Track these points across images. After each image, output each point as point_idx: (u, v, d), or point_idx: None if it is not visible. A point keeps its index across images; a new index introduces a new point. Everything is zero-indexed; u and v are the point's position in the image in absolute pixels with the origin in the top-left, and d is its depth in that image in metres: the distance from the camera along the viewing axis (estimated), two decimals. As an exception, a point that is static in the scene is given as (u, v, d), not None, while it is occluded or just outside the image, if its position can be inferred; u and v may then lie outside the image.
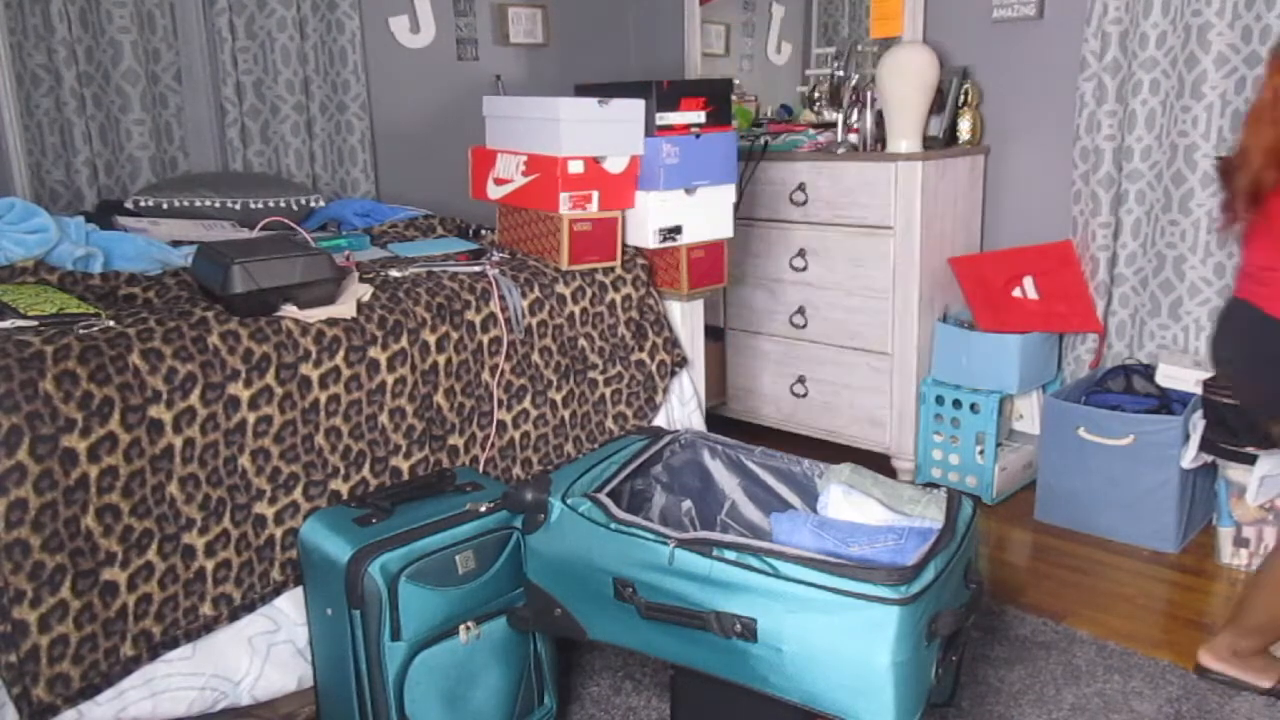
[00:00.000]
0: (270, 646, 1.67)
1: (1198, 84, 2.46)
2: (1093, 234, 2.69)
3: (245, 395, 1.60)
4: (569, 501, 1.58)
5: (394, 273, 1.93)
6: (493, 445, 1.96)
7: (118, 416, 1.46)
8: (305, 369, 1.67)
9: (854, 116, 2.90)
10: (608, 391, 2.15)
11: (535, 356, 2.01)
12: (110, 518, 1.46)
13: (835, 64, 3.15)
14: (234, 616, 1.62)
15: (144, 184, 2.61)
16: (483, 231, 2.46)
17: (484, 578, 1.63)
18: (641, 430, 1.95)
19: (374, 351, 1.75)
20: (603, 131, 2.05)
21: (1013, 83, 2.86)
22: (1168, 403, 2.51)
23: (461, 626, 1.61)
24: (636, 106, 2.08)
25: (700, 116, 2.16)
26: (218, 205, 2.38)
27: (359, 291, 1.78)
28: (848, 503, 1.68)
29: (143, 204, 2.33)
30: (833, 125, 2.97)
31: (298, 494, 1.68)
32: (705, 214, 2.21)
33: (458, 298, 1.89)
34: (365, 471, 1.76)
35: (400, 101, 3.10)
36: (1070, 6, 2.71)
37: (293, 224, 2.13)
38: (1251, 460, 2.25)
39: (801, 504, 1.82)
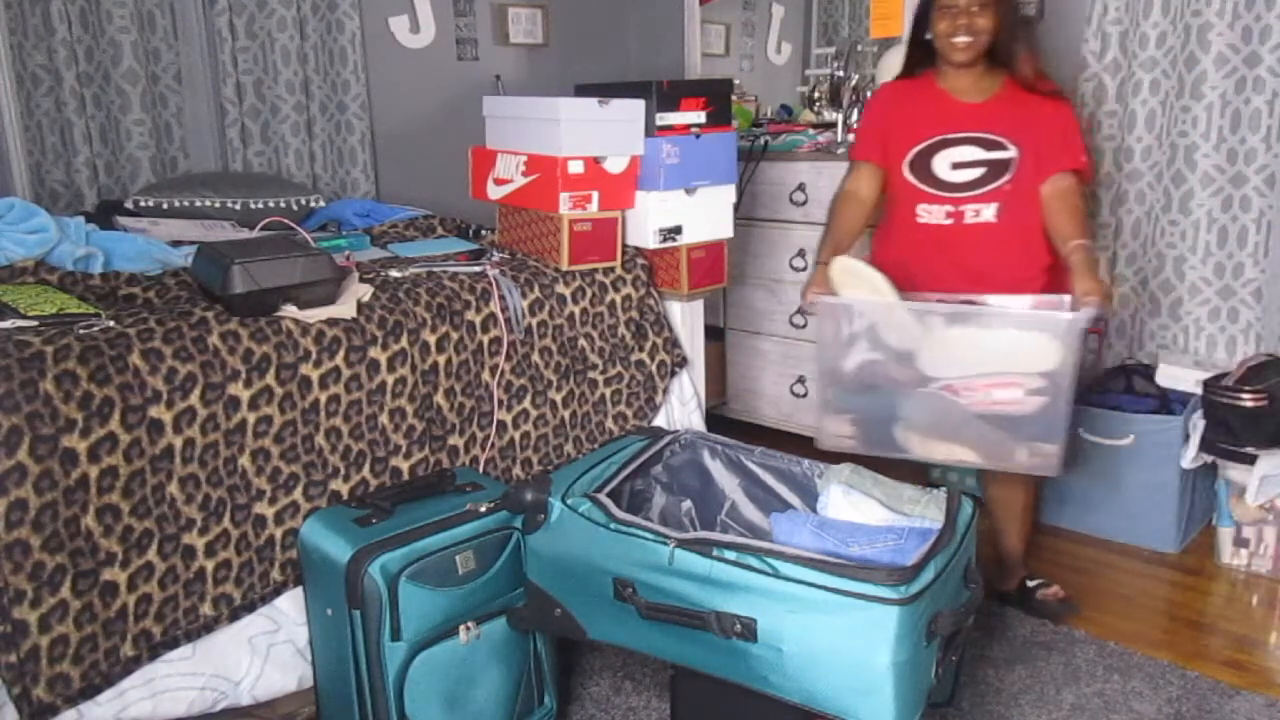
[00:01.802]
0: (270, 646, 1.67)
1: (1198, 84, 2.46)
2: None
3: (245, 395, 1.60)
4: (569, 502, 1.58)
5: (394, 273, 1.93)
6: (493, 445, 1.96)
7: (118, 417, 1.46)
8: (305, 369, 1.67)
9: (854, 116, 2.90)
10: (608, 392, 2.15)
11: (535, 357, 2.01)
12: (110, 518, 1.46)
13: (835, 64, 3.16)
14: (234, 616, 1.62)
15: (144, 184, 2.60)
16: (483, 231, 2.45)
17: (484, 578, 1.63)
18: (641, 430, 1.95)
19: (374, 352, 1.75)
20: (603, 131, 2.05)
21: (1013, 83, 2.85)
22: (1168, 403, 2.50)
23: (461, 627, 1.61)
24: (636, 106, 2.07)
25: (700, 117, 2.16)
26: (218, 205, 2.38)
27: (359, 291, 1.78)
28: (848, 503, 1.68)
29: (143, 204, 2.32)
30: (833, 125, 2.97)
31: (298, 494, 1.68)
32: (705, 214, 2.21)
33: (458, 298, 1.89)
34: (365, 471, 1.76)
35: (400, 101, 3.10)
36: (1070, 6, 2.71)
37: (293, 224, 2.13)
38: (1251, 460, 2.25)
39: (801, 504, 1.82)
